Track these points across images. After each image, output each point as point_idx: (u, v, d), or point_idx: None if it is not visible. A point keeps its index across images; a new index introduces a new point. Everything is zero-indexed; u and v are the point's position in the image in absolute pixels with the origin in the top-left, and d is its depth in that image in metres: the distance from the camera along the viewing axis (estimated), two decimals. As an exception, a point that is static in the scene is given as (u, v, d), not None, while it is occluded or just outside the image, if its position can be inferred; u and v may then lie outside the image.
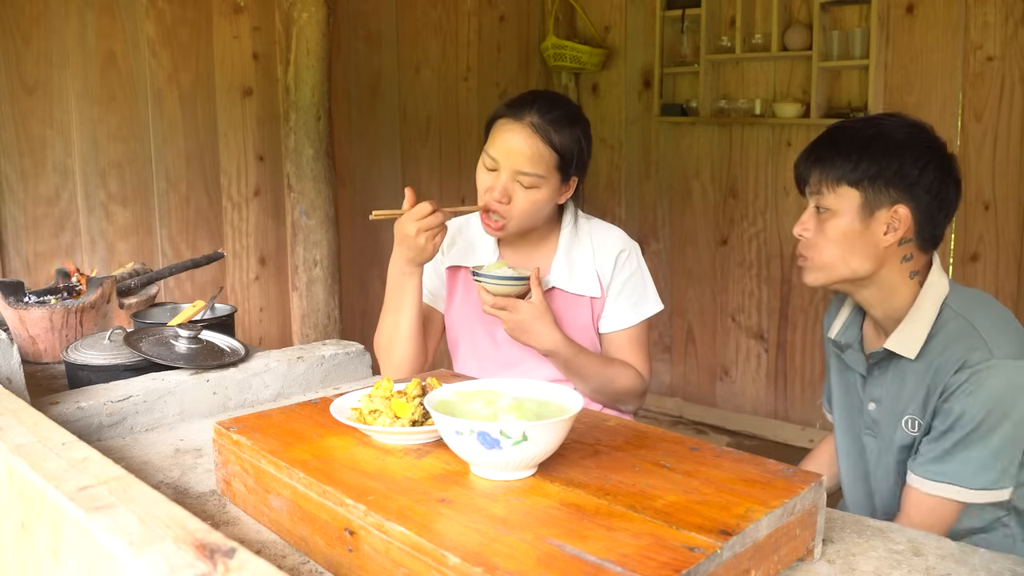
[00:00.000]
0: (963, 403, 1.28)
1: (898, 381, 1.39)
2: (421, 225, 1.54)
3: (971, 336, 1.31)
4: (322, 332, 3.06)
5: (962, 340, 1.31)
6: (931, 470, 1.31)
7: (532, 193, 1.61)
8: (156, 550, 0.60)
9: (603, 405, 1.72)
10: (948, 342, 1.32)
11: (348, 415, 1.11)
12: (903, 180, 1.34)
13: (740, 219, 3.98)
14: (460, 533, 0.81)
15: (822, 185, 1.38)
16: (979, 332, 1.31)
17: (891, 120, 1.39)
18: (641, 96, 4.23)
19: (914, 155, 1.34)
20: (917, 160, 1.34)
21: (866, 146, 1.36)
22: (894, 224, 1.35)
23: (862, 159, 1.35)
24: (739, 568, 0.82)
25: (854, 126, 1.41)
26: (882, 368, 1.41)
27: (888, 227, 1.35)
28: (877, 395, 1.43)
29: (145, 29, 2.87)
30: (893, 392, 1.40)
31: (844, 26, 3.50)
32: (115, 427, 1.38)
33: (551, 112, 1.61)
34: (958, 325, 1.33)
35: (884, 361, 1.41)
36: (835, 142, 1.39)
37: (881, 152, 1.34)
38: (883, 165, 1.34)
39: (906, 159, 1.34)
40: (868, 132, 1.37)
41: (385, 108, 3.63)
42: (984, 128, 3.26)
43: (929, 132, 1.38)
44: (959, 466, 1.29)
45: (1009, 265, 3.27)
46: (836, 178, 1.36)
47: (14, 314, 1.75)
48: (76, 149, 2.77)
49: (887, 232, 1.35)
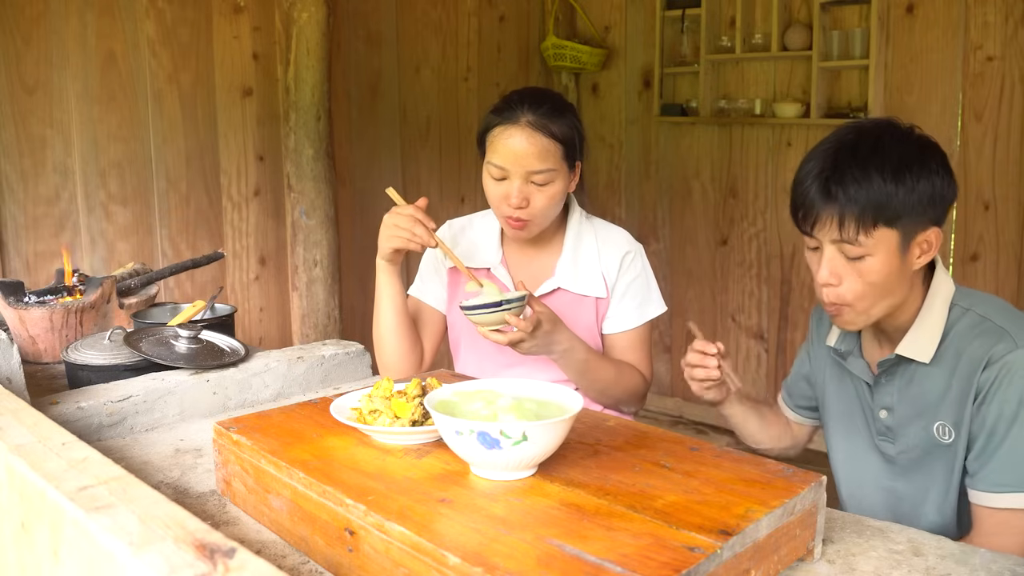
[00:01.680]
0: (1000, 399, 1.22)
1: (913, 386, 1.34)
2: (390, 218, 1.56)
3: (989, 330, 1.26)
4: (322, 332, 3.06)
5: (980, 336, 1.26)
6: (990, 482, 1.24)
7: (548, 189, 1.62)
8: (156, 550, 0.60)
9: (605, 407, 1.72)
10: (963, 340, 1.28)
11: (348, 415, 1.11)
12: (935, 203, 1.24)
13: (740, 219, 3.98)
14: (460, 533, 0.81)
15: (858, 232, 1.22)
16: (997, 324, 1.26)
17: (894, 135, 1.26)
18: (641, 96, 4.23)
19: (939, 173, 1.24)
20: (943, 178, 1.24)
21: (898, 176, 1.21)
22: (925, 247, 1.26)
23: (896, 192, 1.21)
24: (739, 568, 0.82)
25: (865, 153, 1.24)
26: (890, 375, 1.36)
27: (921, 251, 1.27)
28: (888, 402, 1.37)
29: (145, 29, 2.87)
30: (909, 398, 1.34)
31: (844, 26, 3.50)
32: (115, 427, 1.38)
33: (542, 106, 1.61)
34: (970, 320, 1.28)
35: (892, 368, 1.35)
36: (857, 179, 1.22)
37: (914, 179, 1.22)
38: (919, 194, 1.22)
39: (935, 180, 1.24)
40: (890, 159, 1.22)
41: (385, 108, 3.63)
42: (984, 128, 3.26)
43: (926, 137, 1.28)
44: (1015, 469, 1.22)
45: (1009, 265, 3.27)
46: (872, 221, 1.21)
47: (14, 314, 1.75)
48: (76, 149, 2.77)
49: (920, 256, 1.27)
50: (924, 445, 1.34)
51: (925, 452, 1.35)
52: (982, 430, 1.26)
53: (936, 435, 1.32)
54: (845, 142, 1.26)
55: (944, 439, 1.32)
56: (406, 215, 1.55)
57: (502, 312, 1.47)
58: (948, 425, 1.31)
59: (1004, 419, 1.23)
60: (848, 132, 1.29)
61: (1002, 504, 1.24)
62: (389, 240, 1.58)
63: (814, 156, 1.28)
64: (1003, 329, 1.25)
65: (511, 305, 1.47)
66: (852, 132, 1.28)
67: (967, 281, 3.28)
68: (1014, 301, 3.23)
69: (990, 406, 1.24)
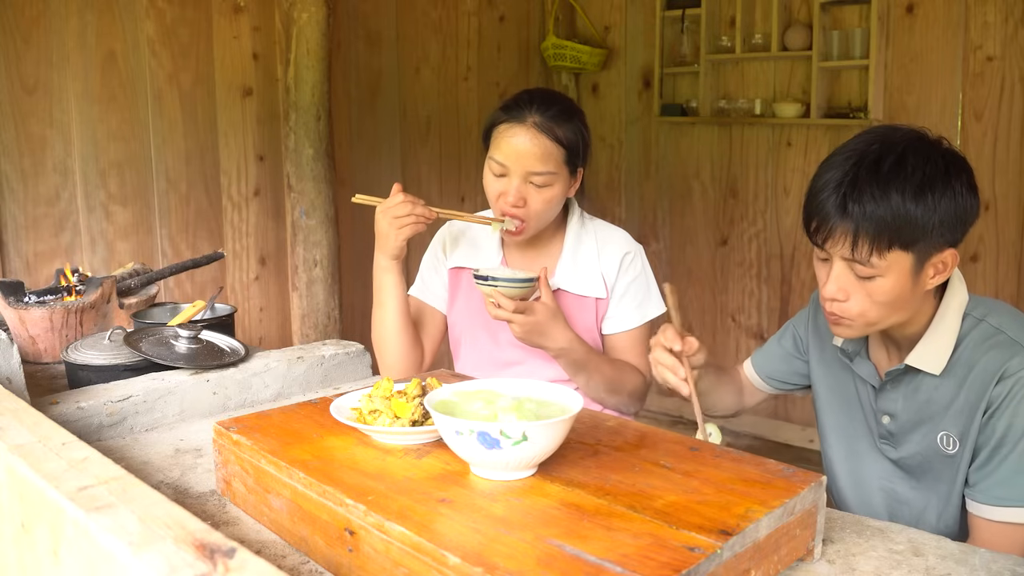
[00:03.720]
0: (1010, 413, 1.20)
1: (920, 394, 1.31)
2: (387, 213, 1.56)
3: (1003, 343, 1.22)
4: (322, 332, 3.07)
5: (994, 348, 1.23)
6: (991, 495, 1.22)
7: (546, 191, 1.62)
8: (156, 550, 0.60)
9: (604, 406, 1.72)
10: (976, 351, 1.24)
11: (348, 415, 1.11)
12: (954, 226, 1.18)
13: (740, 219, 3.98)
14: (460, 533, 0.81)
15: (871, 254, 1.16)
16: (1011, 337, 1.22)
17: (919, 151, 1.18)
18: (641, 96, 4.23)
19: (963, 195, 1.18)
20: (966, 200, 1.18)
21: (918, 199, 1.15)
22: (940, 267, 1.21)
23: (915, 216, 1.15)
24: (739, 568, 0.82)
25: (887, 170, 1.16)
26: (896, 382, 1.33)
27: (935, 272, 1.22)
28: (892, 409, 1.35)
29: (145, 29, 2.87)
30: (915, 406, 1.32)
31: (844, 26, 3.50)
32: (115, 427, 1.38)
33: (550, 108, 1.61)
34: (983, 332, 1.25)
35: (899, 376, 1.32)
36: (876, 198, 1.15)
37: (935, 202, 1.15)
38: (939, 217, 1.16)
39: (957, 202, 1.17)
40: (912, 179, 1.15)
41: (385, 108, 3.63)
42: (984, 128, 3.26)
43: (954, 152, 1.21)
44: (1018, 484, 1.20)
45: (1009, 265, 3.27)
46: (887, 244, 1.16)
47: (14, 314, 1.75)
48: (76, 149, 2.77)
49: (934, 276, 1.22)
50: (926, 453, 1.33)
51: (927, 460, 1.33)
52: (988, 443, 1.23)
53: (940, 445, 1.30)
54: (868, 154, 1.19)
55: (948, 449, 1.29)
56: (397, 203, 1.57)
57: (493, 288, 1.54)
58: (953, 436, 1.28)
59: (1013, 433, 1.21)
60: (872, 142, 1.21)
61: (1002, 518, 1.22)
62: (400, 232, 1.58)
63: (834, 165, 1.21)
64: (1017, 343, 1.22)
65: (510, 284, 1.54)
66: (877, 142, 1.20)
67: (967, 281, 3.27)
68: (1014, 301, 3.23)
69: (1000, 420, 1.22)
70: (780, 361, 1.60)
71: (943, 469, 1.31)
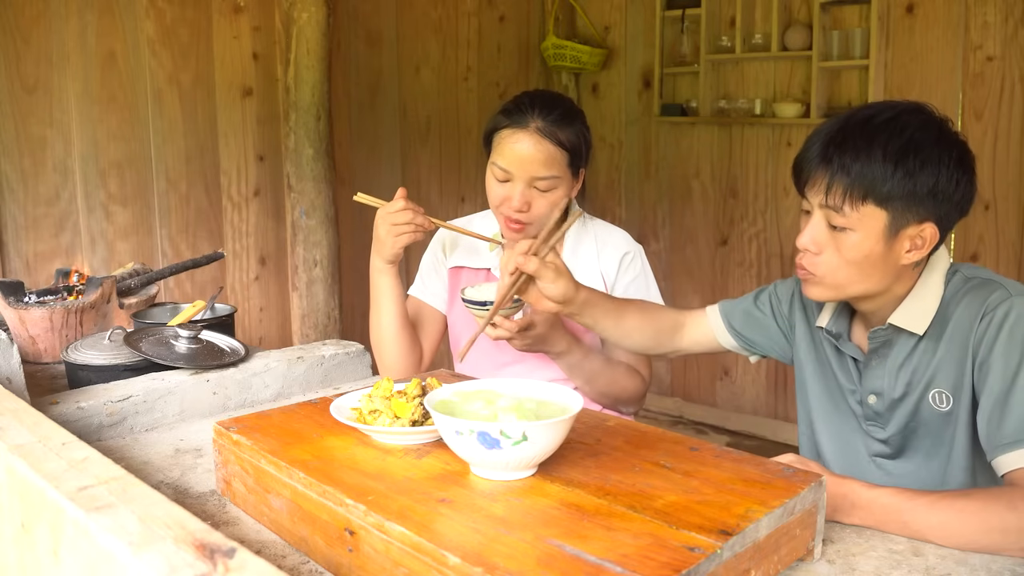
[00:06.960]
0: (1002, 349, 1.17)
1: (907, 365, 1.29)
2: (387, 219, 1.56)
3: (979, 285, 1.22)
4: (322, 332, 3.07)
5: (971, 292, 1.23)
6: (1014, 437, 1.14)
7: (550, 195, 1.62)
8: (156, 550, 0.60)
9: (604, 407, 1.72)
10: (952, 302, 1.24)
11: (348, 415, 1.11)
12: (936, 198, 1.18)
13: (740, 219, 3.98)
14: (460, 533, 0.81)
15: (844, 201, 1.18)
16: (985, 278, 1.23)
17: (914, 117, 1.21)
18: (641, 96, 4.23)
19: (949, 168, 1.18)
20: (952, 175, 1.18)
21: (900, 157, 1.16)
22: (918, 242, 1.21)
23: (894, 174, 1.16)
24: (739, 568, 0.82)
25: (876, 125, 1.19)
26: (880, 356, 1.31)
27: (912, 245, 1.21)
28: (878, 386, 1.33)
29: (145, 29, 2.87)
30: (903, 378, 1.29)
31: (844, 26, 3.50)
32: (115, 427, 1.38)
33: (552, 112, 1.61)
34: (956, 283, 1.25)
35: (884, 347, 1.30)
36: (858, 148, 1.18)
37: (917, 165, 1.16)
38: (919, 182, 1.17)
39: (942, 173, 1.17)
40: (898, 138, 1.18)
41: (385, 108, 3.63)
42: (984, 128, 3.26)
43: (953, 132, 1.22)
44: None
45: (1009, 265, 3.27)
46: (861, 195, 1.17)
47: (14, 314, 1.75)
48: (76, 149, 2.77)
49: (910, 250, 1.21)
50: (918, 421, 1.30)
51: (919, 428, 1.30)
52: (989, 385, 1.19)
53: (932, 404, 1.27)
54: (865, 110, 1.23)
55: (941, 407, 1.26)
56: (398, 210, 1.56)
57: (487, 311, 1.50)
58: (945, 391, 1.25)
59: (1010, 369, 1.17)
60: (877, 104, 1.24)
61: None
62: (397, 240, 1.58)
63: (831, 120, 1.25)
64: (992, 280, 1.23)
65: (505, 310, 1.48)
66: (880, 105, 1.24)
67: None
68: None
69: (994, 358, 1.18)
70: (756, 324, 1.54)
71: (940, 430, 1.28)
